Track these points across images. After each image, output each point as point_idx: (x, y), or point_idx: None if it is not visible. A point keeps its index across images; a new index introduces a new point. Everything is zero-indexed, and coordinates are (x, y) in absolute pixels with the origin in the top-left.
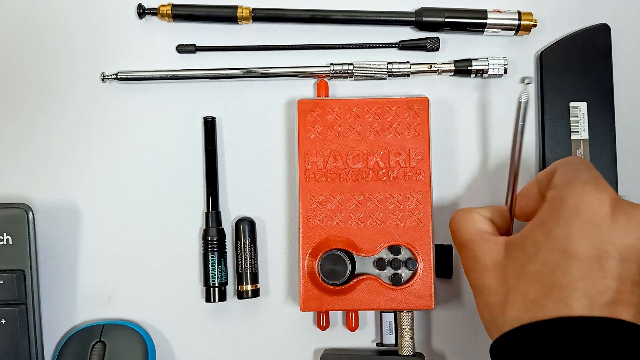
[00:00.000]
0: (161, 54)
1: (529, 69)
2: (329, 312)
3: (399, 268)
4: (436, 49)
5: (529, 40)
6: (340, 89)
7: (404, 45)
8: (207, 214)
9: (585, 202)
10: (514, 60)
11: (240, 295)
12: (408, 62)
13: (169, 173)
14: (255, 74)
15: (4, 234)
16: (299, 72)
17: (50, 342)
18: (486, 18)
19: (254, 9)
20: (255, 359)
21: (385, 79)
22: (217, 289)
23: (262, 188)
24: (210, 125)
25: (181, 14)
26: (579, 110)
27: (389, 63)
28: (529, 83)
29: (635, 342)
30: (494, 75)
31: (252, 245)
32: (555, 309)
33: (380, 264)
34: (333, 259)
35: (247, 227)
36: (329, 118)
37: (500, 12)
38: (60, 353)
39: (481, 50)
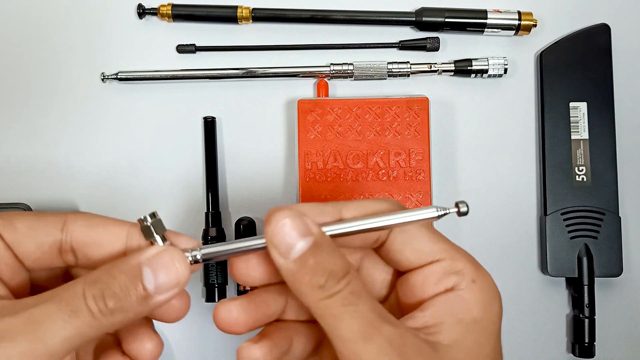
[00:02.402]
0: (161, 54)
1: (529, 69)
2: None
3: None
4: (436, 49)
5: (529, 40)
6: (340, 89)
7: (404, 45)
8: (207, 214)
9: None
10: (514, 60)
11: (241, 295)
12: (408, 62)
13: (169, 173)
14: (255, 74)
15: None
16: (299, 72)
17: None
18: (486, 18)
19: (254, 9)
20: None
21: (385, 79)
22: (217, 288)
23: (262, 188)
24: (210, 125)
25: (181, 14)
26: (579, 110)
27: (389, 63)
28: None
29: None
30: (494, 75)
31: None
32: None
33: None
34: None
35: (247, 227)
36: (329, 118)
37: (500, 12)
38: None
39: (481, 50)
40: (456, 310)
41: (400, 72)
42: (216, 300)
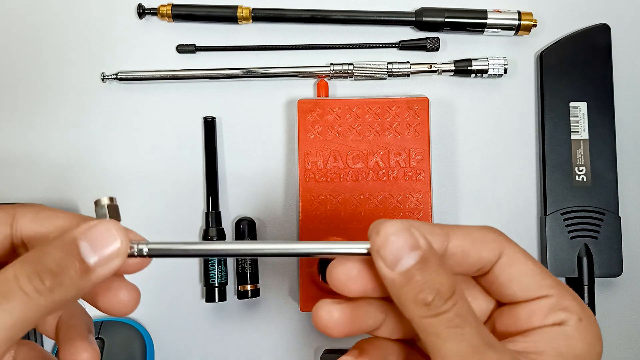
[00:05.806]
0: (161, 54)
1: (529, 69)
2: None
3: None
4: (436, 49)
5: (529, 40)
6: (340, 89)
7: (404, 45)
8: (207, 214)
9: None
10: (514, 60)
11: (241, 295)
12: (408, 62)
13: (169, 173)
14: (255, 74)
15: None
16: (299, 72)
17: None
18: (486, 18)
19: (254, 9)
20: (255, 359)
21: (385, 79)
22: (217, 288)
23: (262, 188)
24: (210, 125)
25: (181, 14)
26: (579, 110)
27: (389, 63)
28: None
29: None
30: (494, 75)
31: None
32: None
33: None
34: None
35: (247, 227)
36: (329, 118)
37: (500, 12)
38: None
39: (481, 50)
40: (559, 344)
41: (400, 72)
42: (216, 300)
